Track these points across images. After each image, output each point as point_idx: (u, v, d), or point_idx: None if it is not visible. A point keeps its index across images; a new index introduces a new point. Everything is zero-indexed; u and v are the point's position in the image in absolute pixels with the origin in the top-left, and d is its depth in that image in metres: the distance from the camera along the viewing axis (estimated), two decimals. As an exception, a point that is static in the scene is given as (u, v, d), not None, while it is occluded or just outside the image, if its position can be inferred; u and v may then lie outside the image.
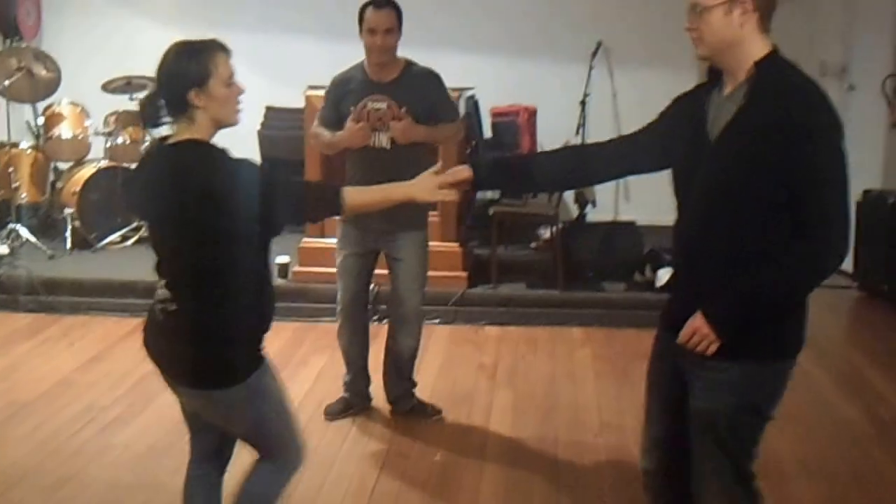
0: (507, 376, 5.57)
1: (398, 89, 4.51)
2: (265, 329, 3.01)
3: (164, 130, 2.96)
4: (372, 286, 5.07)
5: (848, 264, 7.70)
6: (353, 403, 4.93)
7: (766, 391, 2.74)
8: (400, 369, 4.91)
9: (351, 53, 8.97)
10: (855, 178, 8.46)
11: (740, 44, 2.59)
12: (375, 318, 6.03)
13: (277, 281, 6.55)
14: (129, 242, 7.55)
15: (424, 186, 2.99)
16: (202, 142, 2.84)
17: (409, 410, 4.92)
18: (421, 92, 4.55)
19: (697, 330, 2.64)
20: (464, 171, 3.00)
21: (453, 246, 6.69)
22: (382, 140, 4.49)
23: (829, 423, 4.97)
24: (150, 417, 4.85)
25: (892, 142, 7.57)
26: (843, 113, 2.76)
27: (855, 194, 7.47)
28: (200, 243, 2.79)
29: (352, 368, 4.92)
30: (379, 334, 5.08)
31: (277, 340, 5.99)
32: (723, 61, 2.66)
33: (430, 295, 6.46)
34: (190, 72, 2.80)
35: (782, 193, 2.52)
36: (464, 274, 6.68)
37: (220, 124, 2.91)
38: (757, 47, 2.59)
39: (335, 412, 4.89)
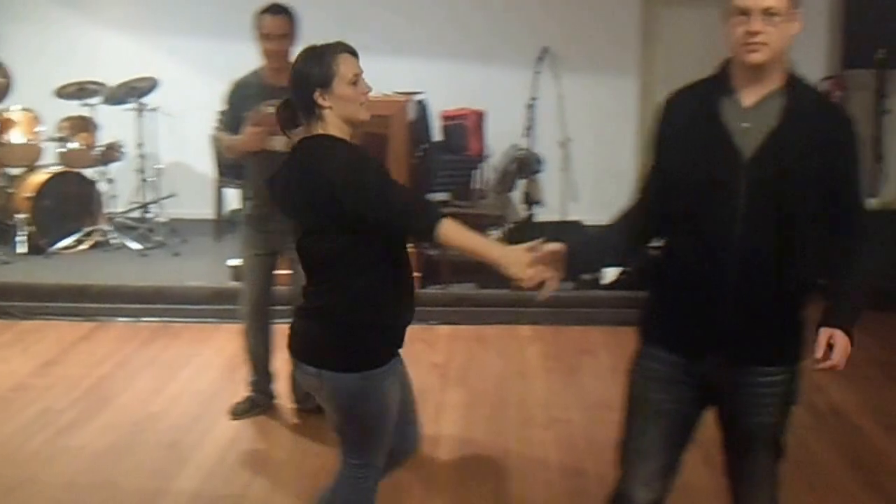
0: (459, 374, 5.61)
1: None
2: (397, 325, 3.03)
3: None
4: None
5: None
6: (259, 402, 4.91)
7: (800, 385, 2.76)
8: None
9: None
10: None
11: (786, 54, 2.57)
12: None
13: (228, 283, 6.54)
14: (83, 247, 7.50)
15: (516, 260, 2.86)
16: (330, 135, 2.91)
17: (313, 409, 4.78)
18: None
19: (845, 348, 2.55)
20: (558, 252, 2.88)
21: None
22: (278, 143, 4.43)
23: (769, 414, 5.09)
24: (106, 420, 4.83)
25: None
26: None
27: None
28: (324, 230, 2.87)
29: (257, 368, 4.90)
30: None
31: (234, 342, 5.96)
32: (769, 69, 2.55)
33: (382, 295, 6.54)
34: (313, 74, 2.89)
35: (828, 201, 2.54)
36: (416, 275, 6.68)
37: (349, 122, 2.96)
38: (786, 59, 2.59)
39: (241, 411, 4.87)
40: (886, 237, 7.30)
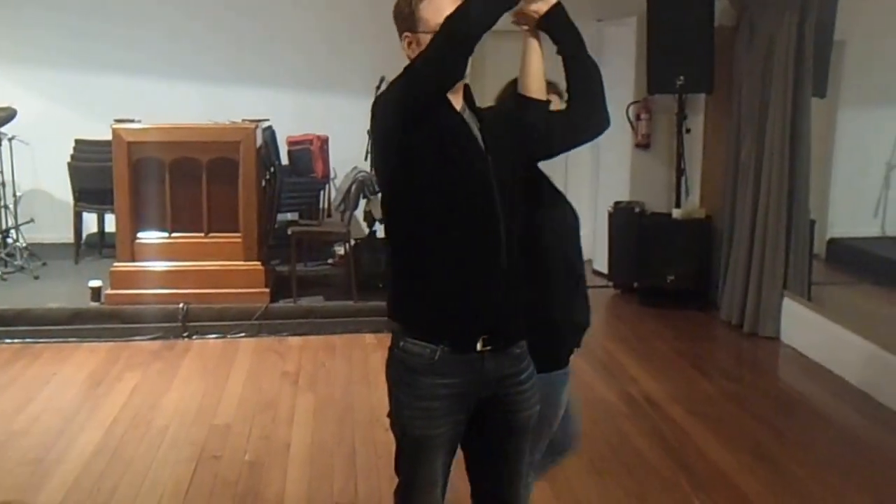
0: (309, 381, 5.62)
1: None
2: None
3: None
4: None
5: (603, 266, 8.14)
6: None
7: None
8: None
9: (152, 88, 8.76)
10: (606, 191, 8.98)
11: None
12: None
13: (89, 304, 6.39)
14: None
15: None
16: None
17: None
18: None
19: None
20: None
21: (256, 265, 6.69)
22: None
23: (589, 403, 5.25)
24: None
25: (636, 160, 8.06)
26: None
27: (607, 205, 7.92)
28: None
29: None
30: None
31: (93, 359, 5.83)
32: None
33: (235, 310, 6.50)
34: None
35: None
36: (266, 290, 6.68)
37: None
38: None
39: None
40: (687, 244, 7.71)
